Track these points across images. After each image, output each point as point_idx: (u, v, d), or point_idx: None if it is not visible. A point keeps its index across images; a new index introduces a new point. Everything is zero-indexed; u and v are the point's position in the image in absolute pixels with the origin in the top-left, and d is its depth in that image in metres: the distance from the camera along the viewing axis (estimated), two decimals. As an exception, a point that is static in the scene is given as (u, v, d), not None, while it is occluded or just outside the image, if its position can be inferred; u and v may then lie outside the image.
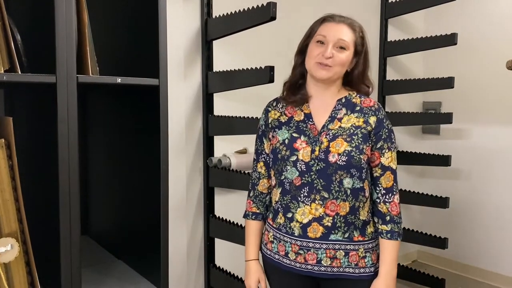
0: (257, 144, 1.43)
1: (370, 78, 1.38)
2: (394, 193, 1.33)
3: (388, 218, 1.32)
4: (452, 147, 3.05)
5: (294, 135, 1.32)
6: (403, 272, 2.87)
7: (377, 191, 1.33)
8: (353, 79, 1.34)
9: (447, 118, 2.55)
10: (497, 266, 2.91)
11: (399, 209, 1.33)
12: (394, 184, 1.33)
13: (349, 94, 1.36)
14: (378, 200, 1.33)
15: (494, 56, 2.80)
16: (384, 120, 1.33)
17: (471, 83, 2.93)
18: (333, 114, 1.33)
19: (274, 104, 1.41)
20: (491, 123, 2.90)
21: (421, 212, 3.22)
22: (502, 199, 2.86)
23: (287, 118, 1.36)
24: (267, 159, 1.40)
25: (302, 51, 1.35)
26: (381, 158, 1.31)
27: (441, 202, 2.61)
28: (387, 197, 1.32)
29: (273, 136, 1.36)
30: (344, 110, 1.33)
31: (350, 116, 1.31)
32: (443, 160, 2.67)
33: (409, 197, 2.72)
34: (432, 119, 2.78)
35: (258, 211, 1.42)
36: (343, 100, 1.35)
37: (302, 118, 1.34)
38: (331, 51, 1.26)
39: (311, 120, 1.33)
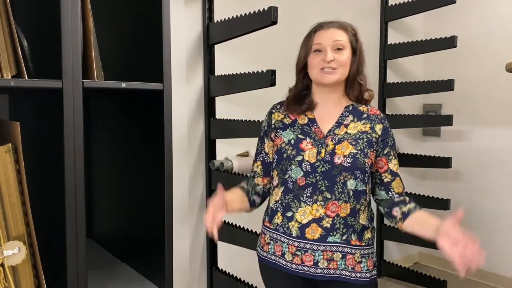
0: (258, 144, 1.46)
1: (365, 74, 1.39)
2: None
3: (407, 199, 1.36)
4: (453, 149, 3.06)
5: (300, 136, 1.34)
6: (405, 274, 2.88)
7: (390, 195, 1.36)
8: (348, 77, 1.35)
9: (448, 120, 2.56)
10: (498, 268, 2.91)
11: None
12: (403, 189, 1.38)
13: (355, 102, 1.38)
14: (394, 198, 1.36)
15: (494, 59, 2.81)
16: (389, 129, 1.37)
17: (471, 85, 2.95)
18: (340, 120, 1.35)
19: (278, 106, 1.43)
20: (491, 125, 2.91)
21: (422, 214, 3.22)
22: (503, 200, 2.87)
23: (291, 120, 1.38)
24: (265, 159, 1.42)
25: (302, 67, 1.38)
26: (389, 164, 1.35)
27: (442, 204, 2.62)
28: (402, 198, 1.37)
29: (276, 136, 1.38)
30: (351, 117, 1.35)
31: (357, 124, 1.34)
32: (444, 162, 2.68)
33: (410, 199, 2.73)
34: (433, 121, 2.79)
35: (245, 186, 1.44)
36: (350, 108, 1.37)
37: (306, 122, 1.36)
38: (330, 54, 1.29)
39: (315, 124, 1.35)
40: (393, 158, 1.36)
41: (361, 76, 1.36)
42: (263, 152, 1.43)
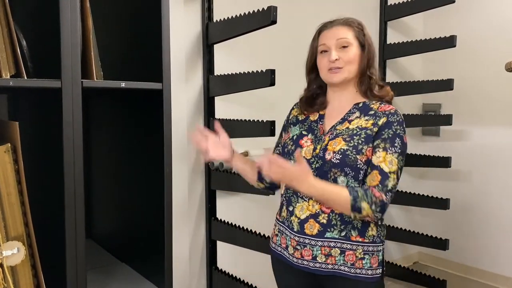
0: (278, 137, 1.53)
1: (377, 68, 1.39)
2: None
3: (365, 187, 1.23)
4: (452, 149, 3.06)
5: (304, 132, 1.38)
6: (404, 274, 2.88)
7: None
8: (359, 72, 1.36)
9: (447, 120, 2.56)
10: (498, 267, 2.91)
11: (383, 197, 1.22)
12: (380, 185, 1.23)
13: (368, 100, 1.37)
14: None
15: (493, 58, 2.81)
16: (394, 124, 1.28)
17: (471, 85, 2.95)
18: (345, 117, 1.35)
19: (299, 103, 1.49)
20: (490, 124, 2.91)
21: (421, 213, 3.23)
22: (502, 200, 2.87)
23: (304, 117, 1.43)
24: (279, 152, 1.46)
25: (312, 69, 1.41)
26: (372, 156, 1.26)
27: (442, 204, 2.62)
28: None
29: (288, 132, 1.44)
30: (357, 113, 1.35)
31: (361, 119, 1.33)
32: (443, 162, 2.68)
33: (409, 199, 2.73)
34: (432, 121, 2.79)
35: None
36: (360, 105, 1.36)
37: (316, 118, 1.40)
38: (335, 54, 1.31)
39: (322, 120, 1.38)
40: (381, 150, 1.25)
41: (372, 69, 1.37)
42: (279, 145, 1.48)
